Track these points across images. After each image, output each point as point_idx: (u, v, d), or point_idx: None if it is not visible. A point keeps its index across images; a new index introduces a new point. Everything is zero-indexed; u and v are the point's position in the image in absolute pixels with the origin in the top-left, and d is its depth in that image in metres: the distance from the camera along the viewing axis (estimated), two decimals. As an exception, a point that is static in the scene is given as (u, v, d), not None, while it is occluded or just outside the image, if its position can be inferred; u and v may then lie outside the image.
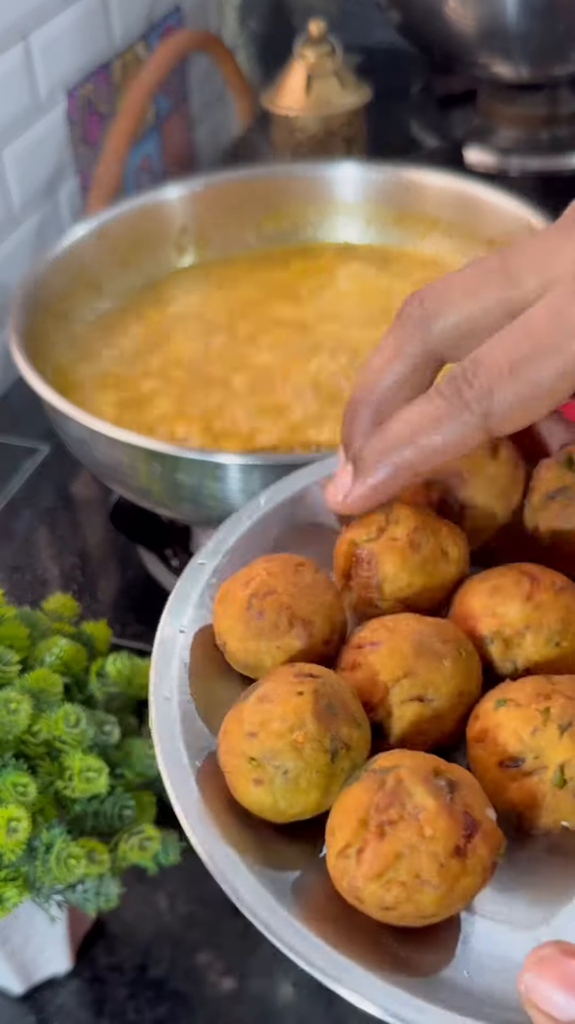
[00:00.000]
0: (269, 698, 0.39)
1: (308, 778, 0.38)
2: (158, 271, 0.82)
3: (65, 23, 0.96)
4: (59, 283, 0.76)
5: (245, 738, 0.39)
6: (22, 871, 0.51)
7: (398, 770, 0.37)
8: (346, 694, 0.40)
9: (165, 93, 1.15)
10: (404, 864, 0.35)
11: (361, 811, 0.36)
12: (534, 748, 0.38)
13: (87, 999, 0.60)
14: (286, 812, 0.39)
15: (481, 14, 1.01)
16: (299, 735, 0.38)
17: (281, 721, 0.38)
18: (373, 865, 0.35)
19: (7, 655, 0.53)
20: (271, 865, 0.38)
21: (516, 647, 0.43)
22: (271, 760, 0.38)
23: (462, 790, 0.37)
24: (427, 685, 0.41)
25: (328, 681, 0.40)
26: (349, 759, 0.39)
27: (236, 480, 0.59)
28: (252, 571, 0.45)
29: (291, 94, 1.02)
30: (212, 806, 0.39)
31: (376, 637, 0.42)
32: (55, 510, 0.80)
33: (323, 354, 0.73)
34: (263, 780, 0.38)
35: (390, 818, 0.36)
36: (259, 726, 0.39)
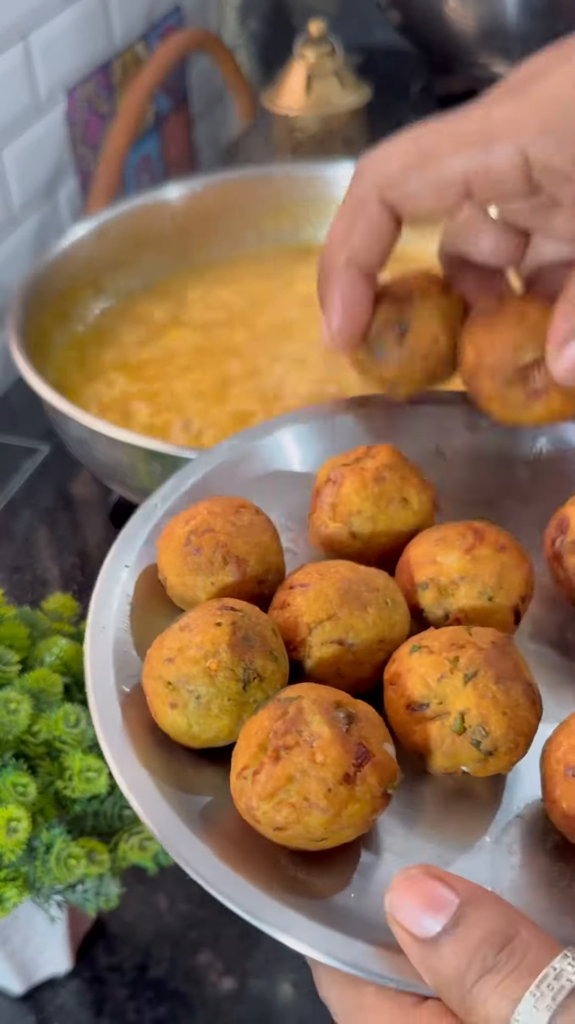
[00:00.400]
0: (190, 627, 0.41)
1: (220, 704, 0.40)
2: (158, 271, 0.82)
3: (65, 23, 0.96)
4: (59, 283, 0.76)
5: (163, 663, 0.41)
6: (22, 871, 0.51)
7: (300, 700, 0.38)
8: (265, 629, 0.42)
9: (165, 93, 1.15)
10: (295, 787, 0.37)
11: (261, 735, 0.38)
12: (439, 694, 0.40)
13: (87, 999, 0.60)
14: (199, 736, 0.40)
15: (481, 14, 1.01)
16: (213, 663, 0.40)
17: (197, 648, 0.40)
18: (266, 786, 0.37)
19: (7, 655, 0.53)
20: (184, 788, 0.40)
21: (449, 596, 0.44)
22: (185, 684, 0.40)
23: (360, 723, 0.38)
24: (348, 630, 0.42)
25: (249, 615, 0.42)
26: (262, 690, 0.40)
27: (236, 480, 0.59)
28: (195, 510, 0.46)
29: (291, 94, 1.02)
30: (134, 731, 0.41)
31: (306, 579, 0.44)
32: (55, 510, 0.80)
33: (325, 353, 0.73)
34: (177, 704, 0.40)
35: (286, 743, 0.37)
36: (177, 652, 0.40)
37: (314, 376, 0.71)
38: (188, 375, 0.72)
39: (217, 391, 0.71)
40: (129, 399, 0.71)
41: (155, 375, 0.73)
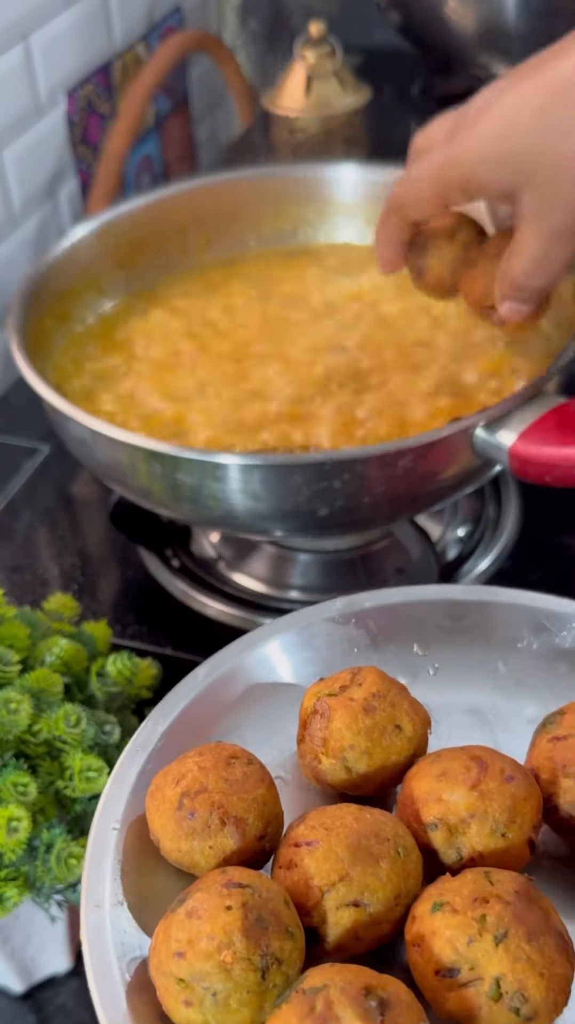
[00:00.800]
0: (197, 913, 0.38)
1: (239, 998, 0.37)
2: (158, 271, 0.82)
3: (65, 24, 0.96)
4: (59, 283, 0.76)
5: (173, 958, 0.38)
6: (22, 871, 0.51)
7: (328, 991, 0.36)
8: (278, 904, 0.39)
9: (165, 93, 1.15)
10: None
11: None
12: (470, 959, 0.38)
13: (87, 999, 0.60)
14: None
15: (481, 15, 1.01)
16: (227, 955, 0.37)
17: (209, 940, 0.38)
18: None
19: (7, 655, 0.54)
20: None
21: (461, 835, 0.43)
22: (200, 982, 0.37)
23: (394, 1010, 0.36)
24: (363, 890, 0.40)
25: (258, 890, 0.39)
26: (281, 974, 0.38)
27: (236, 480, 0.59)
28: (183, 766, 0.44)
29: (291, 95, 1.02)
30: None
31: (313, 836, 0.41)
32: (55, 510, 0.80)
33: (324, 354, 0.73)
34: (192, 1001, 0.38)
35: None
36: (187, 945, 0.38)
37: (313, 375, 0.71)
38: (188, 375, 0.72)
39: (217, 391, 0.71)
40: (129, 399, 0.71)
41: (155, 375, 0.73)
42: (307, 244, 0.84)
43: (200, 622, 0.71)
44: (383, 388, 0.70)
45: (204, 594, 0.72)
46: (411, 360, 0.72)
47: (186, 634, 0.70)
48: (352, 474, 0.59)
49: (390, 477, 0.60)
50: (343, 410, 0.68)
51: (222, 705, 0.51)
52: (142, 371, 0.74)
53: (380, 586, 0.67)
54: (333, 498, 0.59)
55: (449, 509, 0.76)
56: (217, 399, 0.70)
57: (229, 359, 0.74)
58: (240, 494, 0.60)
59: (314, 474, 0.58)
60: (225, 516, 0.62)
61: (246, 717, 0.50)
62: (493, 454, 0.59)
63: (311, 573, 0.73)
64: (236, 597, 0.72)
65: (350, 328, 0.76)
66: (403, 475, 0.59)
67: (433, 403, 0.68)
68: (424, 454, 0.59)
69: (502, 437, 0.59)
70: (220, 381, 0.72)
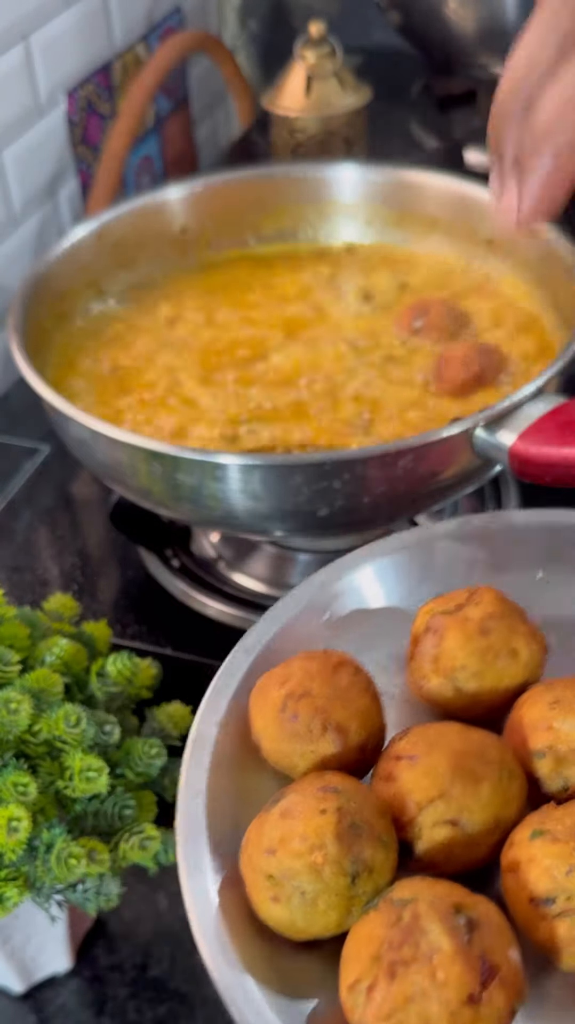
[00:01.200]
0: (291, 813, 0.38)
1: (327, 900, 0.37)
2: (158, 271, 0.82)
3: (65, 24, 0.96)
4: (59, 283, 0.76)
5: (264, 854, 0.38)
6: (22, 871, 0.51)
7: (416, 903, 0.35)
8: (373, 812, 0.39)
9: (165, 93, 1.15)
10: (414, 1009, 0.34)
11: (374, 945, 0.35)
12: (567, 889, 0.36)
13: (87, 999, 0.60)
14: (304, 931, 0.38)
15: (481, 15, 1.01)
16: (318, 856, 0.37)
17: (301, 840, 0.37)
18: (382, 1006, 0.34)
19: (7, 655, 0.53)
20: (286, 989, 0.37)
21: (570, 766, 0.41)
22: (289, 880, 0.37)
23: (482, 930, 0.35)
24: (462, 810, 0.39)
25: (354, 797, 0.39)
26: (371, 882, 0.37)
27: (236, 480, 0.59)
28: (289, 669, 0.44)
29: (291, 95, 1.02)
30: (230, 920, 0.38)
31: (415, 750, 0.41)
32: (55, 510, 0.80)
33: (324, 353, 0.73)
34: (280, 898, 0.37)
35: (403, 957, 0.34)
36: (279, 843, 0.38)
37: (314, 374, 0.71)
38: (189, 375, 0.72)
39: (218, 391, 0.71)
40: (129, 399, 0.71)
41: (156, 375, 0.73)
42: (307, 244, 0.84)
43: (200, 622, 0.71)
44: (383, 387, 0.70)
45: (204, 594, 0.72)
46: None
47: (186, 634, 0.70)
48: (352, 474, 0.59)
49: (390, 477, 0.60)
50: (344, 410, 0.68)
51: (330, 618, 0.50)
52: (143, 371, 0.74)
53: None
54: (333, 498, 0.59)
55: (449, 509, 0.76)
56: (217, 398, 0.70)
57: (229, 359, 0.74)
58: (240, 494, 0.60)
59: (314, 474, 0.58)
60: (225, 516, 0.62)
61: (354, 632, 0.49)
62: (493, 454, 0.59)
63: (311, 573, 0.73)
64: (236, 597, 0.72)
65: (353, 327, 0.76)
66: (403, 475, 0.59)
67: (434, 402, 0.68)
68: (424, 454, 0.59)
69: (502, 437, 0.59)
70: (220, 380, 0.72)
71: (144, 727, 0.59)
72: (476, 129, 1.14)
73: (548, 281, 0.74)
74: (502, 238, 0.77)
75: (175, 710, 0.60)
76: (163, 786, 0.58)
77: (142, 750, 0.56)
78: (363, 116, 1.03)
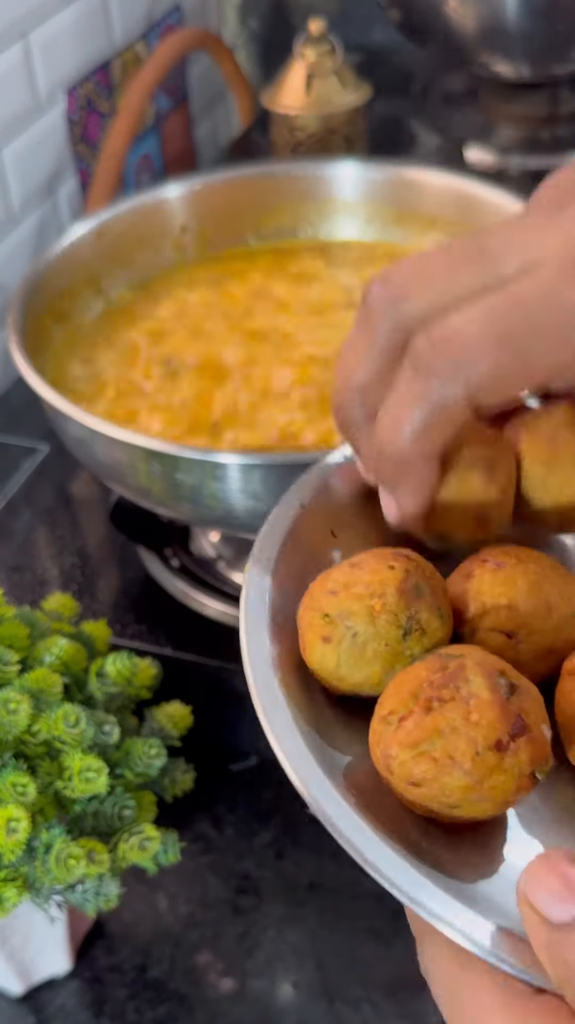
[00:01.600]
0: (360, 565, 0.39)
1: (375, 648, 0.37)
2: (158, 270, 0.82)
3: (65, 22, 0.96)
4: (59, 283, 0.76)
5: (326, 595, 0.38)
6: (22, 871, 0.51)
7: (463, 659, 0.35)
8: (439, 587, 0.39)
9: (165, 92, 1.15)
10: (441, 741, 0.34)
11: (415, 684, 0.35)
12: None
13: (87, 999, 0.60)
14: (345, 679, 0.38)
15: (481, 13, 1.01)
16: (377, 603, 0.37)
17: (364, 586, 0.38)
18: (411, 734, 0.34)
19: (7, 655, 0.53)
20: (328, 741, 0.37)
21: None
22: (344, 619, 0.37)
23: (522, 696, 0.35)
24: (522, 627, 0.39)
25: (424, 568, 0.39)
26: (421, 644, 0.38)
27: (236, 480, 0.59)
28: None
29: (291, 93, 1.01)
30: (283, 666, 0.38)
31: (503, 558, 0.40)
32: (55, 510, 0.80)
33: (324, 353, 0.73)
34: (331, 638, 0.37)
35: (441, 696, 0.34)
36: (342, 586, 0.38)
37: (314, 374, 0.71)
38: (188, 375, 0.72)
39: (218, 391, 0.70)
40: (129, 399, 0.71)
41: (155, 375, 0.73)
42: (307, 243, 0.84)
43: (200, 622, 0.71)
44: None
45: (204, 594, 0.72)
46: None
47: (186, 634, 0.70)
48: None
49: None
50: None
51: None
52: (142, 371, 0.74)
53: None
54: (333, 497, 0.59)
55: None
56: (218, 398, 0.70)
57: (229, 358, 0.74)
58: (240, 494, 0.60)
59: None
60: (225, 516, 0.62)
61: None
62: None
63: (311, 573, 0.73)
64: (236, 597, 0.72)
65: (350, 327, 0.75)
66: (403, 474, 0.59)
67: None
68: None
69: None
70: (220, 380, 0.72)
71: (144, 727, 0.59)
72: (476, 127, 1.14)
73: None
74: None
75: (175, 710, 0.60)
76: (163, 786, 0.58)
77: (142, 750, 0.56)
78: (363, 114, 1.03)
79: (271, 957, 0.60)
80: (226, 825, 0.67)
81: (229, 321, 0.77)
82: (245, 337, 0.75)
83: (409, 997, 0.58)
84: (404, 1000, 0.58)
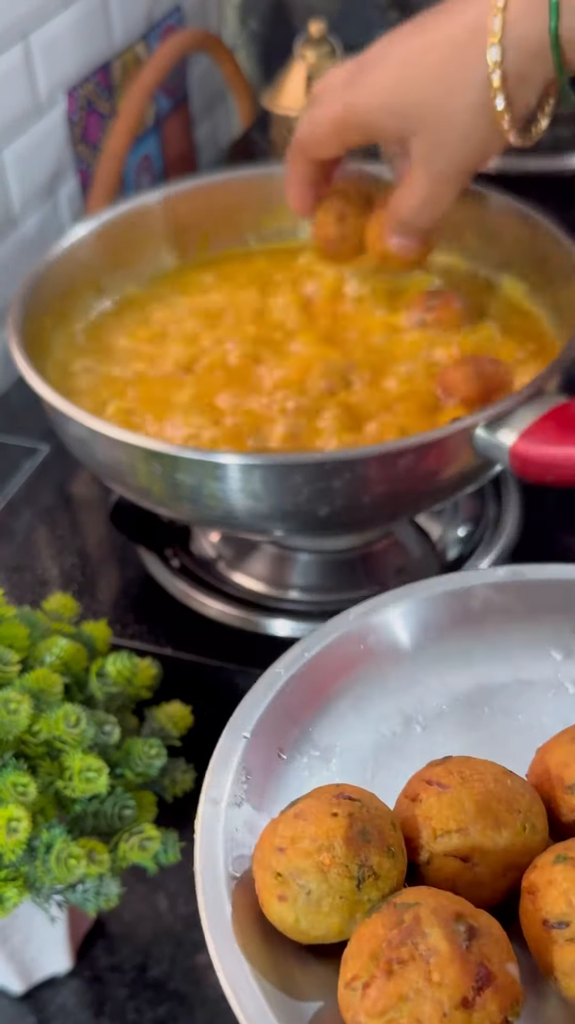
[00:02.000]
0: (304, 815, 0.39)
1: (331, 902, 0.38)
2: (158, 271, 0.82)
3: (65, 23, 0.96)
4: (59, 283, 0.76)
5: (275, 852, 0.39)
6: (22, 871, 0.51)
7: (418, 908, 0.35)
8: (384, 823, 0.39)
9: (165, 93, 1.15)
10: (407, 1007, 0.34)
11: (374, 944, 0.35)
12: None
13: (87, 999, 0.60)
14: (307, 933, 0.38)
15: (481, 14, 1.01)
16: (326, 857, 0.38)
17: (311, 841, 0.38)
18: (376, 1003, 0.34)
19: (7, 655, 0.53)
20: (290, 990, 0.38)
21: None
22: (296, 878, 0.38)
23: (482, 939, 0.35)
24: (475, 851, 0.39)
25: (368, 807, 0.39)
26: (377, 888, 0.38)
27: (236, 480, 0.59)
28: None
29: (291, 94, 1.02)
30: (242, 922, 0.39)
31: (448, 780, 0.41)
32: (55, 510, 0.80)
33: (324, 352, 0.73)
34: (287, 897, 0.38)
35: (400, 957, 0.34)
36: (289, 842, 0.38)
37: (313, 375, 0.71)
38: (189, 375, 0.72)
39: (217, 391, 0.71)
40: (129, 398, 0.71)
41: (155, 375, 0.73)
42: (307, 243, 0.84)
43: (200, 622, 0.71)
44: (382, 386, 0.70)
45: (204, 594, 0.72)
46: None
47: (186, 634, 0.70)
48: (352, 474, 0.58)
49: (390, 477, 0.59)
50: (344, 410, 0.68)
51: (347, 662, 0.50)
52: (142, 371, 0.74)
53: (380, 587, 0.67)
54: (333, 498, 0.59)
55: (449, 509, 0.76)
56: (217, 399, 0.70)
57: (229, 358, 0.74)
58: (240, 494, 0.60)
59: (314, 474, 0.58)
60: (225, 516, 0.62)
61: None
62: (494, 454, 0.59)
63: (311, 573, 0.73)
64: (236, 597, 0.72)
65: (353, 326, 0.75)
66: (403, 475, 0.59)
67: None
68: (424, 454, 0.59)
69: (503, 436, 0.59)
70: (220, 380, 0.72)
71: (144, 727, 0.59)
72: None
73: (548, 282, 0.74)
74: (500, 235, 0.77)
75: (175, 710, 0.60)
76: (163, 786, 0.58)
77: (142, 750, 0.56)
78: (363, 115, 1.03)
79: (271, 957, 0.61)
80: (226, 825, 0.67)
81: (229, 321, 0.77)
82: (246, 337, 0.75)
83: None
84: (404, 1000, 0.58)
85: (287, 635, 0.69)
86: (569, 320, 0.69)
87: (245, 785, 0.44)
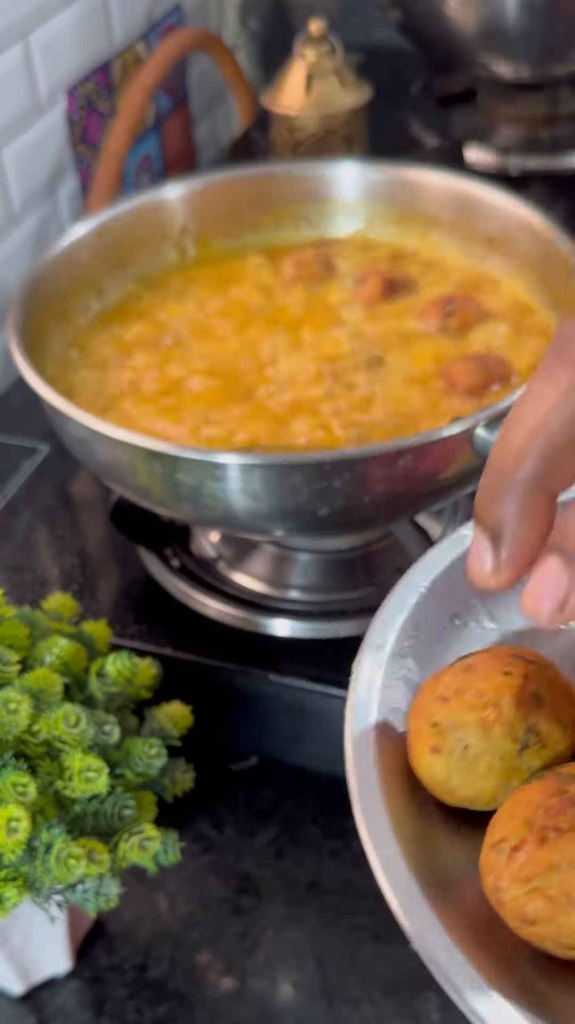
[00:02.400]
0: (473, 668, 0.36)
1: (488, 762, 0.35)
2: (158, 271, 0.82)
3: (65, 23, 0.96)
4: (59, 283, 0.76)
5: (436, 701, 0.35)
6: (22, 871, 0.51)
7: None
8: (561, 690, 0.36)
9: (165, 92, 1.15)
10: (557, 877, 0.31)
11: (530, 809, 0.32)
12: None
13: (87, 999, 0.60)
14: (455, 792, 0.35)
15: (481, 13, 1.01)
16: (491, 713, 0.34)
17: (477, 695, 0.35)
18: (524, 868, 0.31)
19: (7, 655, 0.53)
20: (431, 853, 0.34)
21: None
22: (455, 731, 0.35)
23: None
24: None
25: (545, 670, 0.36)
26: (540, 757, 0.35)
27: (236, 480, 0.59)
28: None
29: (291, 93, 1.01)
30: (387, 772, 0.35)
31: None
32: (55, 510, 0.80)
33: (324, 353, 0.73)
34: (441, 749, 0.35)
35: (558, 825, 0.32)
36: (454, 693, 0.35)
37: (313, 375, 0.71)
38: (188, 375, 0.72)
39: (218, 391, 0.70)
40: (130, 399, 0.71)
41: (155, 375, 0.73)
42: (307, 243, 0.84)
43: (200, 622, 0.71)
44: (382, 386, 0.70)
45: (204, 594, 0.72)
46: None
47: (186, 634, 0.70)
48: (352, 474, 0.58)
49: (390, 477, 0.59)
50: (344, 409, 0.68)
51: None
52: (142, 370, 0.74)
53: (380, 587, 0.67)
54: (333, 498, 0.59)
55: (449, 509, 0.76)
56: (219, 399, 0.70)
57: (229, 358, 0.74)
58: (240, 494, 0.60)
59: (314, 474, 0.58)
60: (225, 516, 0.62)
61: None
62: (494, 453, 0.59)
63: (311, 573, 0.73)
64: (236, 597, 0.72)
65: (353, 326, 0.75)
66: (403, 475, 0.59)
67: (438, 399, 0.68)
68: (424, 454, 0.59)
69: (503, 436, 0.58)
70: (220, 380, 0.72)
71: (144, 727, 0.59)
72: (476, 127, 1.14)
73: (548, 281, 0.74)
74: (502, 237, 0.77)
75: (175, 710, 0.60)
76: (163, 786, 0.58)
77: (142, 750, 0.56)
78: (363, 114, 1.03)
79: (271, 957, 0.61)
80: (226, 825, 0.67)
81: (230, 321, 0.77)
82: (245, 337, 0.75)
83: (409, 996, 0.58)
84: (404, 1000, 0.58)
85: (287, 635, 0.69)
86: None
87: (413, 639, 0.40)
